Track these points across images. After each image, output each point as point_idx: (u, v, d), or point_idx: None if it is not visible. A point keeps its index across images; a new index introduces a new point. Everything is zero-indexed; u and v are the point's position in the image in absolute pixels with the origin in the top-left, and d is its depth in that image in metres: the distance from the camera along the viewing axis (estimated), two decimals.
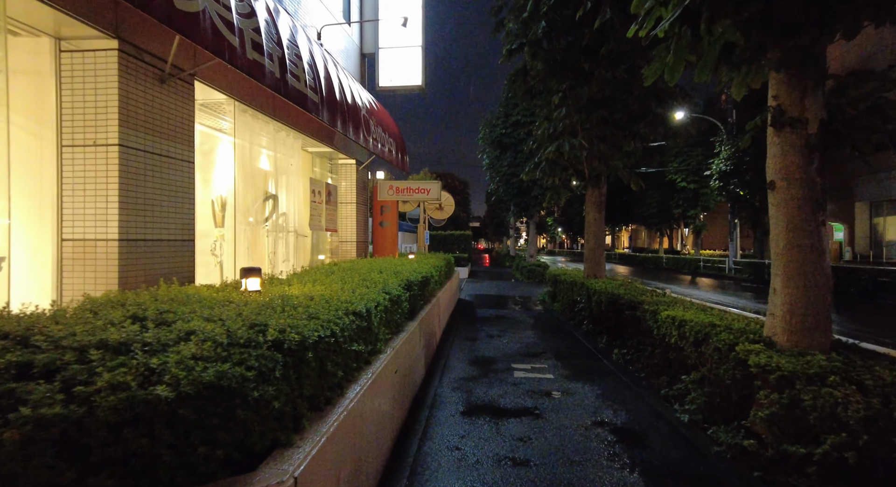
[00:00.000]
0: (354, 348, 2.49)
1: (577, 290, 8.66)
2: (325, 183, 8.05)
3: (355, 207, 9.35)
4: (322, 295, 2.96)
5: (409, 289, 4.61)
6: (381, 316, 3.32)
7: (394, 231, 9.82)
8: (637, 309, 5.83)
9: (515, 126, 19.25)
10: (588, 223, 9.34)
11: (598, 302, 7.21)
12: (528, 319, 9.28)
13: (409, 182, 9.85)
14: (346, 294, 3.07)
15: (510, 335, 7.58)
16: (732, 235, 24.27)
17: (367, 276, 4.08)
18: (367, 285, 3.67)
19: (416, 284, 5.02)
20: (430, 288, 6.24)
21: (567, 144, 8.19)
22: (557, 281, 10.66)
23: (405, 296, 4.25)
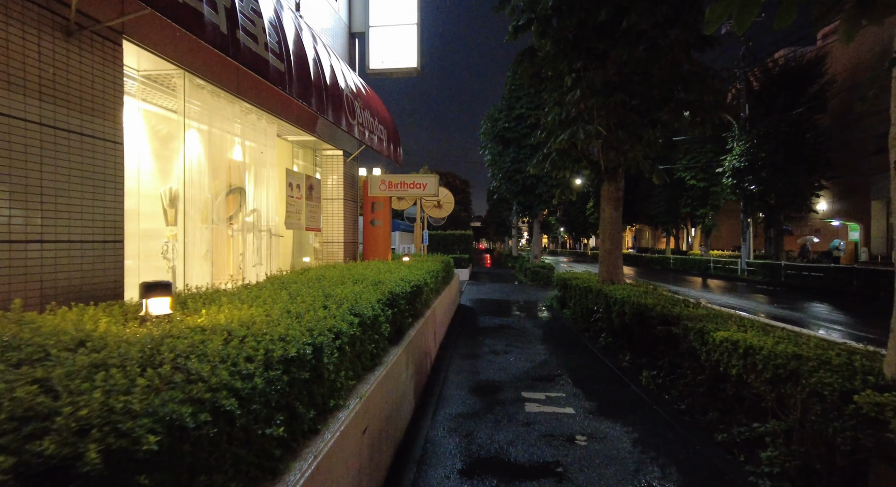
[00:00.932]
0: (270, 433, 1.48)
1: (592, 298, 7.64)
2: (304, 175, 7.05)
3: (343, 204, 8.35)
4: (251, 323, 1.97)
5: (394, 305, 3.60)
6: (343, 352, 2.31)
7: (386, 230, 8.83)
8: (674, 324, 4.82)
9: (519, 119, 18.23)
10: (603, 221, 8.33)
11: (620, 314, 6.20)
12: (536, 330, 8.26)
13: (403, 176, 8.86)
14: (288, 322, 2.06)
15: (517, 350, 6.57)
16: (745, 235, 23.21)
17: (334, 290, 3.08)
18: (330, 304, 2.67)
19: (404, 297, 4.02)
20: (423, 299, 5.23)
21: (582, 131, 7.17)
22: (568, 285, 9.65)
23: (386, 316, 3.25)
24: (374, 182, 8.74)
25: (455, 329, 8.15)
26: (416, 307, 4.75)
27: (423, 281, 5.18)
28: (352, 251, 8.79)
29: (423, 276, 5.43)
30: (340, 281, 3.68)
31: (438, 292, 6.99)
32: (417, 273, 5.38)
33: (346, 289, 3.13)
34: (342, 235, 8.37)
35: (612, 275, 8.17)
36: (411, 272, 5.30)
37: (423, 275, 5.46)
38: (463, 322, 8.96)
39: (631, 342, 6.20)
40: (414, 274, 5.10)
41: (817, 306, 12.26)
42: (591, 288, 7.71)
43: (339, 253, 8.36)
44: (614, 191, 8.24)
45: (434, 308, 5.93)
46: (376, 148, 7.48)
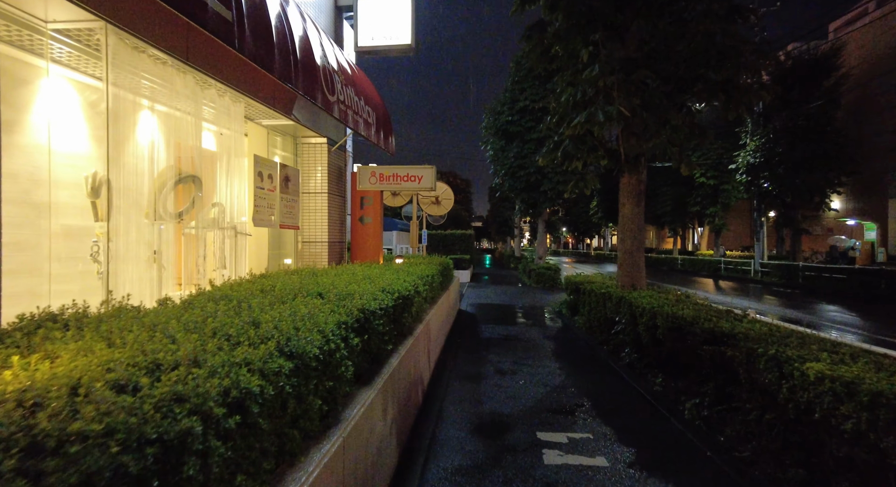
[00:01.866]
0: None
1: (612, 306, 6.63)
2: (278, 164, 6.05)
3: (327, 199, 7.36)
4: (50, 393, 0.98)
5: (365, 330, 2.61)
6: (248, 433, 1.32)
7: (377, 229, 7.85)
8: (728, 344, 3.82)
9: (523, 112, 17.22)
10: (623, 218, 7.32)
11: (649, 327, 5.20)
12: (546, 341, 7.26)
13: (395, 167, 7.88)
14: (142, 382, 1.07)
15: (527, 369, 5.57)
16: (759, 235, 22.18)
17: (272, 311, 2.08)
18: (251, 337, 1.68)
19: (384, 315, 3.03)
20: (413, 312, 4.24)
21: (601, 113, 6.17)
22: (581, 290, 8.65)
23: (350, 347, 2.25)
24: (364, 174, 7.74)
25: (454, 340, 7.15)
26: (402, 325, 3.76)
27: (413, 289, 4.19)
28: (338, 252, 7.80)
29: (414, 283, 4.43)
30: (294, 294, 2.69)
31: (434, 301, 5.99)
32: (407, 279, 4.38)
33: (288, 310, 2.14)
34: (326, 234, 7.37)
35: (633, 280, 7.16)
36: (399, 278, 4.30)
37: (415, 282, 4.46)
38: (463, 331, 7.96)
39: (662, 360, 5.20)
40: (402, 282, 4.10)
41: (856, 312, 11.23)
42: (611, 295, 6.70)
43: (322, 254, 7.37)
44: (636, 184, 7.24)
45: (428, 321, 4.93)
46: (363, 133, 6.48)
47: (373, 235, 7.87)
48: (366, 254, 7.82)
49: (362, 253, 7.84)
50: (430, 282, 5.56)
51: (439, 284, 6.59)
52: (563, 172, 17.04)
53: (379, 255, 7.85)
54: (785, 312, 10.94)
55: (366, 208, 7.90)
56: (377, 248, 7.85)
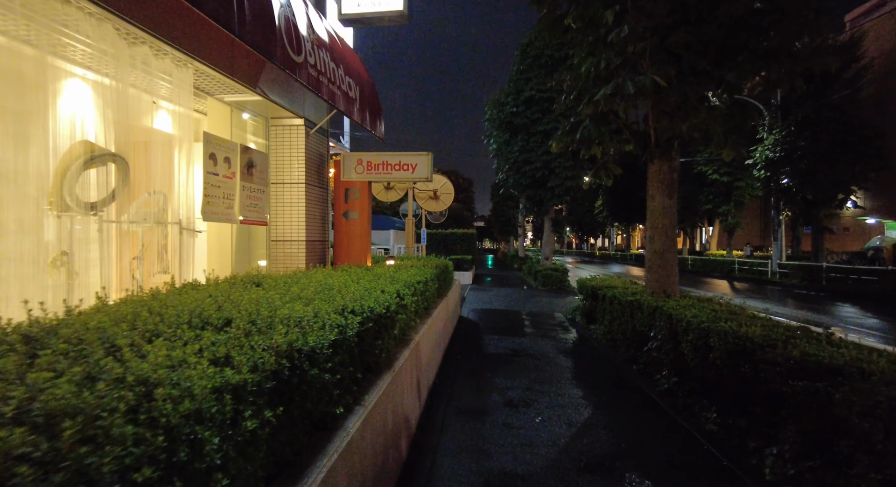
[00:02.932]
0: None
1: (642, 317, 5.52)
2: (238, 145, 4.96)
3: (304, 191, 6.27)
4: None
5: (284, 392, 1.50)
6: None
7: (364, 226, 6.77)
8: (831, 382, 2.71)
9: (529, 103, 16.12)
10: (652, 212, 6.22)
11: (697, 347, 4.09)
12: (562, 358, 6.15)
13: (385, 154, 6.80)
14: None
15: (544, 399, 4.46)
16: (777, 234, 21.02)
17: (134, 351, 0.98)
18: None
19: (331, 357, 1.92)
20: (394, 334, 3.14)
21: (630, 84, 5.06)
22: (599, 295, 7.53)
23: (229, 441, 1.15)
24: (349, 162, 6.65)
25: (453, 358, 6.05)
26: (374, 357, 2.66)
27: (396, 304, 3.09)
28: (318, 252, 6.71)
29: (398, 294, 3.34)
30: (181, 322, 1.59)
31: (428, 313, 4.90)
32: (388, 288, 3.29)
33: (116, 371, 1.04)
34: (303, 231, 6.29)
35: (664, 285, 6.05)
36: (377, 287, 3.21)
37: (398, 293, 3.37)
38: (464, 345, 6.85)
39: (711, 386, 4.09)
40: (379, 294, 3.01)
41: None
42: (642, 305, 5.59)
43: (298, 255, 6.28)
44: (667, 173, 6.13)
45: (419, 342, 3.83)
46: (342, 108, 5.40)
47: (359, 233, 6.78)
48: (351, 256, 6.73)
49: (347, 255, 6.75)
50: (421, 291, 4.47)
51: (435, 292, 5.50)
52: (572, 168, 15.96)
53: (366, 257, 6.76)
54: (836, 321, 9.80)
55: (351, 202, 6.81)
56: (364, 249, 6.76)
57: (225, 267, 5.68)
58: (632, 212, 40.70)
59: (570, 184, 16.19)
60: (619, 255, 47.99)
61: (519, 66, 16.76)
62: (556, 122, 15.67)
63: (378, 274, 4.17)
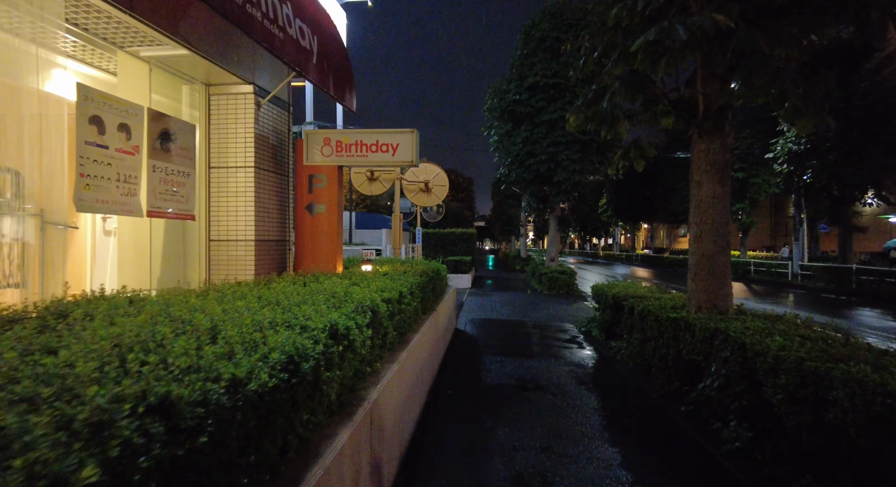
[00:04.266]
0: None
1: (692, 341, 4.14)
2: (143, 107, 3.59)
3: (254, 176, 4.92)
4: None
5: None
6: None
7: (333, 222, 5.41)
8: None
9: (533, 90, 14.74)
10: (699, 204, 4.85)
11: (797, 398, 2.72)
12: (585, 394, 4.77)
13: (359, 132, 5.46)
14: None
15: (568, 468, 3.09)
16: (798, 233, 19.63)
17: None
18: None
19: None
20: (319, 404, 1.76)
21: (681, 27, 3.70)
22: (625, 308, 6.16)
23: None
24: (313, 142, 5.29)
25: (442, 394, 4.69)
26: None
27: (310, 361, 1.70)
28: (274, 255, 5.35)
29: (337, 328, 1.98)
30: None
31: (404, 340, 3.53)
32: (316, 322, 1.93)
33: None
34: (252, 229, 4.93)
35: (714, 298, 4.68)
36: (297, 317, 1.86)
37: (339, 327, 2.01)
38: (458, 372, 5.49)
39: (823, 456, 2.72)
40: (288, 334, 1.65)
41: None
42: (691, 325, 4.21)
43: (245, 259, 4.92)
44: (718, 152, 4.76)
45: (377, 401, 2.44)
46: (289, 61, 4.03)
47: (327, 231, 5.42)
48: (317, 259, 5.37)
49: (312, 258, 5.39)
50: (394, 312, 3.10)
51: (415, 310, 4.13)
52: (580, 160, 14.58)
53: (336, 260, 5.40)
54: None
55: (317, 192, 5.46)
56: (333, 250, 5.40)
57: (142, 277, 4.31)
58: (637, 210, 39.32)
59: (578, 178, 14.82)
60: (623, 256, 46.63)
61: (522, 50, 15.40)
62: (564, 111, 14.31)
63: (327, 289, 2.80)
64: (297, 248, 5.46)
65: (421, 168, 8.62)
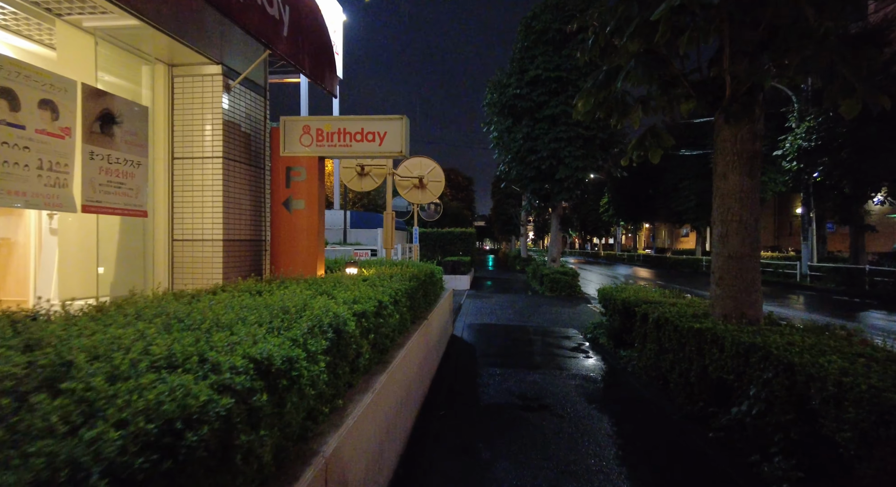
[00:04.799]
0: None
1: (720, 357, 3.58)
2: (75, 83, 3.01)
3: (223, 167, 4.36)
4: None
5: None
6: None
7: (313, 219, 4.84)
8: None
9: (534, 84, 14.17)
10: (724, 199, 4.28)
11: (875, 440, 2.17)
12: (597, 415, 4.21)
13: (342, 119, 4.91)
14: None
15: None
16: (807, 233, 19.06)
17: None
18: None
19: None
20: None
21: None
22: (637, 314, 5.59)
23: None
24: (291, 130, 4.73)
25: (432, 415, 4.13)
26: None
27: (233, 412, 1.15)
28: (247, 257, 4.79)
29: (279, 362, 1.42)
30: None
31: (385, 361, 2.96)
32: (236, 360, 1.37)
33: None
34: (220, 227, 4.38)
35: (742, 305, 4.12)
36: (208, 348, 1.30)
37: (284, 357, 1.45)
38: (453, 388, 4.93)
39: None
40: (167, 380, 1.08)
41: None
42: (719, 338, 3.65)
43: (213, 260, 4.37)
44: (747, 139, 4.20)
45: (334, 456, 1.89)
46: (277, 47, 3.49)
47: (307, 230, 4.86)
48: (295, 261, 4.82)
49: (289, 260, 4.84)
50: (369, 328, 2.54)
51: (402, 319, 3.56)
52: (583, 157, 14.02)
53: (317, 263, 4.84)
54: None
55: (295, 186, 4.90)
56: (314, 252, 4.84)
57: (88, 284, 3.75)
58: (639, 210, 38.75)
59: (581, 175, 14.26)
60: (625, 256, 46.08)
61: (522, 43, 14.84)
62: (566, 105, 13.75)
63: (283, 301, 2.24)
64: (273, 249, 4.90)
65: (415, 162, 8.06)
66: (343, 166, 7.68)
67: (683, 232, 47.31)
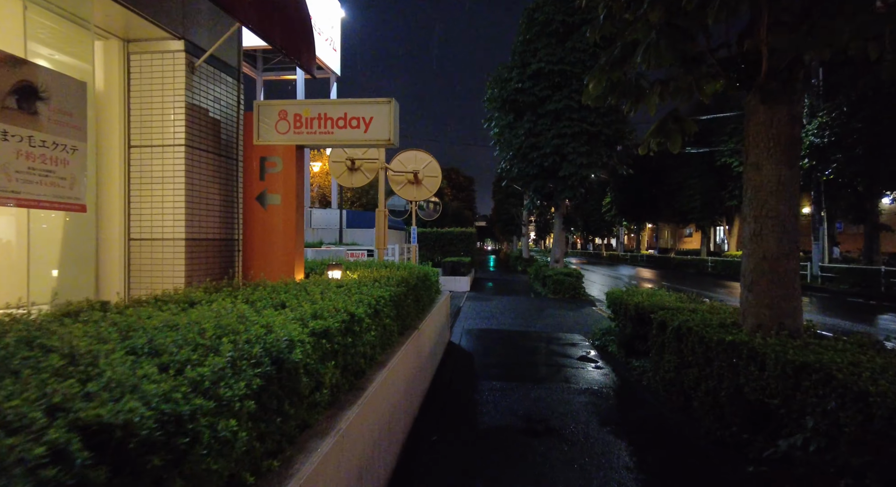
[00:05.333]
0: None
1: (760, 377, 3.03)
2: None
3: (186, 156, 3.83)
4: None
5: None
6: None
7: (290, 216, 4.30)
8: None
9: (537, 78, 13.62)
10: (757, 192, 3.74)
11: None
12: (612, 441, 3.67)
13: (323, 102, 4.36)
14: None
15: None
16: (818, 233, 18.47)
17: None
18: None
19: None
20: None
21: None
22: (653, 322, 5.02)
23: None
24: (266, 116, 4.20)
25: (423, 440, 3.60)
26: None
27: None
28: (218, 258, 4.26)
29: (143, 429, 0.88)
30: None
31: (358, 386, 2.41)
32: (84, 419, 0.83)
33: None
34: (182, 225, 3.85)
35: (780, 314, 3.58)
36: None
37: (156, 418, 0.91)
38: (446, 408, 4.39)
39: None
40: None
41: None
42: (757, 353, 3.10)
43: (175, 262, 3.84)
44: (784, 123, 3.66)
45: None
46: (236, 14, 2.95)
47: (282, 228, 4.32)
48: (270, 263, 4.29)
49: (263, 262, 4.30)
50: (333, 351, 2.00)
51: (384, 332, 3.02)
52: (588, 153, 13.46)
53: (295, 265, 4.31)
54: None
55: (270, 178, 4.36)
56: (290, 253, 4.30)
57: (17, 290, 3.20)
58: (642, 209, 38.15)
59: (585, 173, 13.71)
60: (628, 256, 45.50)
61: (524, 36, 14.29)
62: (570, 100, 13.21)
63: (215, 317, 1.71)
64: (246, 250, 4.37)
65: (409, 156, 7.52)
66: (333, 161, 7.15)
67: (687, 232, 46.71)
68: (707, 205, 27.18)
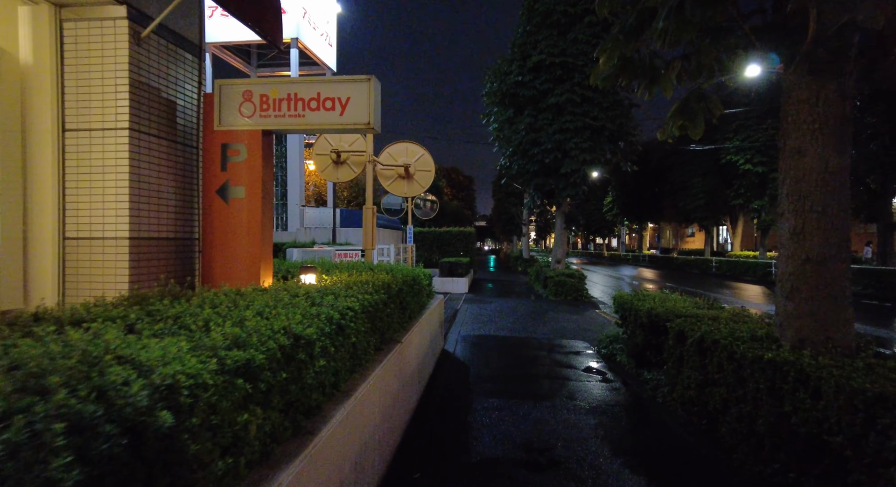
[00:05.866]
0: None
1: (816, 409, 2.48)
2: None
3: (129, 141, 3.29)
4: None
5: None
6: None
7: (254, 211, 3.75)
8: None
9: (537, 70, 13.06)
10: (799, 180, 3.17)
11: None
12: (630, 478, 3.10)
13: (294, 80, 3.81)
14: None
15: None
16: None
17: None
18: None
19: None
20: None
21: None
22: (670, 331, 4.46)
23: None
24: (229, 97, 3.66)
25: (404, 478, 3.04)
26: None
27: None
28: (173, 259, 3.71)
29: None
30: None
31: (308, 428, 1.84)
32: None
33: None
34: (125, 221, 3.30)
35: (828, 327, 3.03)
36: None
37: None
38: (434, 433, 3.84)
39: None
40: None
41: None
42: (808, 376, 2.54)
43: (118, 264, 3.28)
44: (833, 101, 3.10)
45: None
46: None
47: (247, 226, 3.77)
48: (233, 266, 3.73)
49: (224, 264, 3.74)
50: (247, 398, 1.43)
51: (349, 356, 2.46)
52: (591, 149, 12.90)
53: (261, 268, 3.76)
54: None
55: (233, 168, 3.80)
56: (256, 253, 3.75)
57: None
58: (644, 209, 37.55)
59: (588, 170, 13.16)
60: (629, 256, 44.95)
61: (525, 27, 13.74)
62: (572, 93, 12.65)
63: (59, 352, 1.15)
64: (206, 250, 3.81)
65: (400, 149, 6.96)
66: (317, 154, 6.60)
67: (689, 231, 46.14)
68: (711, 205, 26.62)
